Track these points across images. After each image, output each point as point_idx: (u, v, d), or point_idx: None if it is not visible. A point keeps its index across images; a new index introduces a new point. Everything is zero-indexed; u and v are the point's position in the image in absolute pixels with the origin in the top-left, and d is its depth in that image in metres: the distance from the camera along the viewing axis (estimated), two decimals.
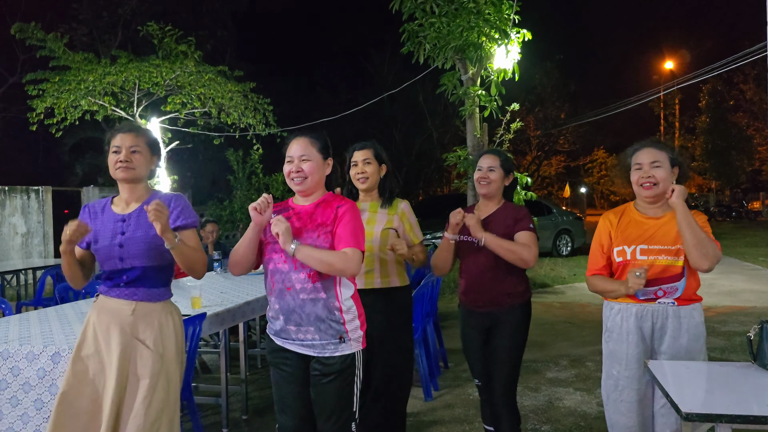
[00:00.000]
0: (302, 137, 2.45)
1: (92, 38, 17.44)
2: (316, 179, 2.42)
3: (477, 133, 9.06)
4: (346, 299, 2.38)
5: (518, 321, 2.95)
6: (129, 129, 2.58)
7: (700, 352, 2.54)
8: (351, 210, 2.40)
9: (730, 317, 7.11)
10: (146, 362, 2.44)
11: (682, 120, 36.97)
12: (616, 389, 2.63)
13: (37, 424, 2.83)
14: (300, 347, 2.38)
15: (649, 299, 2.54)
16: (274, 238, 2.36)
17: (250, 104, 11.23)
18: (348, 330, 2.36)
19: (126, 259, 2.49)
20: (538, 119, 30.56)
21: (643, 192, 2.58)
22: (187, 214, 2.57)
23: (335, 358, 2.34)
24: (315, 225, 2.38)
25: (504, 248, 2.82)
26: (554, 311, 7.82)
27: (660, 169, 2.54)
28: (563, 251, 14.32)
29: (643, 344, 2.57)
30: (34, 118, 9.71)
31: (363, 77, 26.42)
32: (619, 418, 2.63)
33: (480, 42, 8.39)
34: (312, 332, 2.34)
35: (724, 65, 19.36)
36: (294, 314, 2.35)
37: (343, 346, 2.35)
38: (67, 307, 4.04)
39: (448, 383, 4.83)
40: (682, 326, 2.51)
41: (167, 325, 2.54)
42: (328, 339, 2.33)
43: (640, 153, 2.61)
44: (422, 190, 29.82)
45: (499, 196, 3.05)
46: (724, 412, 1.76)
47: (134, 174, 2.54)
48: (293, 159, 2.41)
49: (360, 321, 2.43)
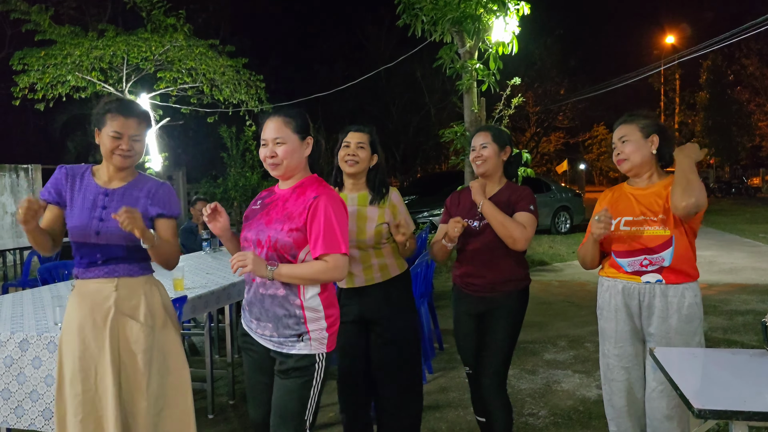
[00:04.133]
0: (276, 117, 2.20)
1: (81, 12, 17.03)
2: (292, 163, 2.21)
3: (474, 109, 8.83)
4: (310, 298, 2.17)
5: (514, 308, 2.79)
6: (132, 114, 2.38)
7: (693, 335, 2.40)
8: (326, 203, 2.14)
9: (732, 295, 6.96)
10: (137, 336, 2.35)
11: (682, 96, 36.62)
12: (608, 368, 2.58)
13: (5, 414, 2.71)
14: (260, 338, 2.24)
15: (636, 272, 2.45)
16: (248, 222, 2.27)
17: (242, 80, 10.95)
18: (309, 330, 2.16)
19: (103, 235, 2.35)
20: (537, 95, 30.20)
21: (620, 168, 2.58)
22: (170, 206, 2.48)
23: (291, 356, 2.16)
24: (283, 215, 2.18)
25: (498, 220, 2.66)
26: (552, 290, 7.67)
27: (627, 144, 2.52)
28: (562, 228, 14.18)
29: (632, 322, 2.50)
30: (18, 93, 9.44)
31: (360, 53, 26.04)
32: (610, 398, 2.59)
33: (478, 14, 8.13)
34: (270, 328, 2.18)
35: (727, 38, 19.04)
36: (254, 307, 2.22)
37: (300, 345, 2.15)
38: (45, 290, 3.88)
39: (443, 365, 4.68)
40: (671, 306, 2.39)
41: (153, 296, 2.43)
42: (286, 336, 2.16)
43: (614, 132, 2.62)
44: (420, 167, 29.54)
45: (499, 174, 2.86)
46: (741, 408, 1.59)
47: (132, 163, 2.44)
48: (267, 142, 2.20)
49: (328, 322, 2.20)
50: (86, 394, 2.33)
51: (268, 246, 2.14)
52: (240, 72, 10.93)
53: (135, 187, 2.45)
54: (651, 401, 2.44)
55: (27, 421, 2.69)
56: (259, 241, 2.18)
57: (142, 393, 2.34)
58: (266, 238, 2.15)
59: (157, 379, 2.38)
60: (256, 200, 2.38)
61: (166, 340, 2.43)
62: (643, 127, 2.51)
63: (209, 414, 3.84)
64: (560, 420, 3.65)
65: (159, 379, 2.38)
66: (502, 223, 2.65)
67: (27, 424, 2.68)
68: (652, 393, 2.44)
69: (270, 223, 2.18)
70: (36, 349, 2.70)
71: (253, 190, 11.94)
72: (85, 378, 2.33)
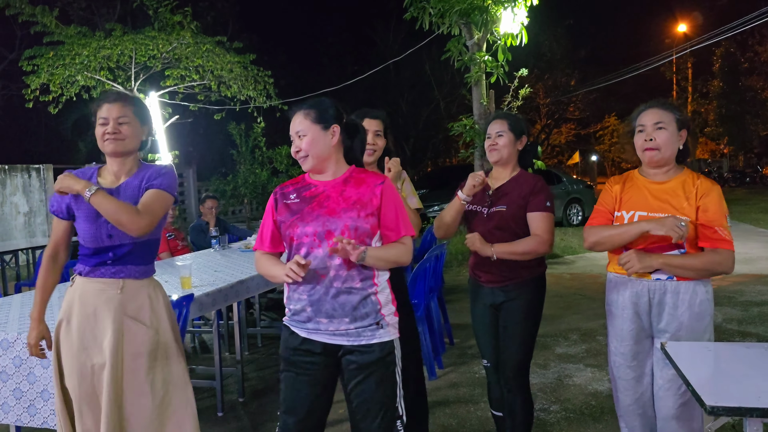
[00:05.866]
0: (297, 111, 2.19)
1: (90, 12, 17.10)
2: (319, 153, 2.16)
3: (483, 101, 8.77)
4: (383, 284, 2.16)
5: (531, 296, 2.73)
6: (115, 98, 2.38)
7: (704, 332, 2.32)
8: (391, 189, 2.18)
9: (747, 286, 6.87)
10: (142, 339, 2.33)
11: (695, 84, 36.18)
12: (615, 366, 2.52)
13: (18, 413, 2.73)
14: (331, 337, 2.12)
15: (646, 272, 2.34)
16: (299, 216, 2.15)
17: (250, 76, 10.94)
18: (385, 315, 2.13)
19: (115, 236, 2.32)
20: (547, 87, 29.97)
21: (645, 156, 2.38)
22: (162, 180, 2.38)
23: (373, 347, 2.10)
24: (351, 203, 2.13)
25: (517, 252, 2.63)
26: (564, 283, 7.62)
27: (663, 132, 2.33)
28: (574, 220, 14.08)
29: (640, 320, 2.41)
30: (29, 95, 9.49)
31: (369, 47, 25.95)
32: (618, 395, 2.53)
33: (485, 5, 8.06)
34: (347, 322, 2.10)
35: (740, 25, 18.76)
36: (325, 305, 2.10)
37: (381, 332, 2.12)
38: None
39: (453, 360, 4.65)
40: (682, 303, 2.30)
41: (157, 299, 2.42)
42: (365, 326, 2.10)
43: (644, 114, 2.41)
44: (430, 161, 29.43)
45: (513, 163, 2.80)
46: (756, 404, 1.54)
47: (123, 146, 2.37)
48: (293, 138, 2.19)
49: (394, 306, 2.20)
50: (83, 392, 2.32)
51: (347, 235, 2.08)
52: (248, 68, 10.92)
53: (136, 179, 2.40)
54: (658, 399, 2.39)
55: (40, 419, 2.71)
56: (329, 232, 2.09)
57: (145, 395, 2.32)
58: (342, 228, 2.09)
59: (161, 382, 2.36)
60: (285, 194, 2.24)
61: (169, 343, 2.41)
62: (678, 119, 2.37)
63: (219, 412, 3.83)
64: (572, 415, 3.61)
65: (162, 382, 2.36)
66: (523, 253, 2.63)
67: (40, 422, 2.70)
68: (659, 391, 2.38)
69: (335, 213, 2.12)
70: None
71: (263, 187, 11.94)
72: (82, 377, 2.32)
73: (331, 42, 26.84)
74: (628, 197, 2.43)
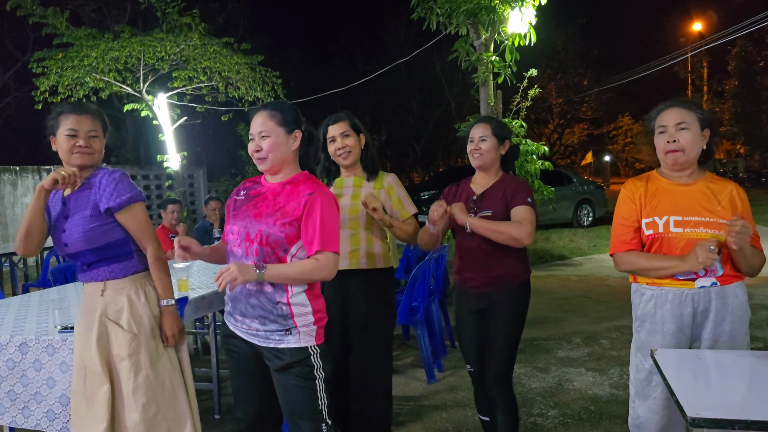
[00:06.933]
0: (261, 111, 2.18)
1: (102, 14, 17.22)
2: (278, 156, 2.16)
3: (491, 101, 8.71)
4: (297, 294, 2.14)
5: (515, 302, 2.71)
6: (84, 110, 2.40)
7: (744, 335, 2.23)
8: (322, 200, 2.11)
9: (756, 289, 6.75)
10: (122, 342, 2.35)
11: (710, 84, 35.76)
12: (650, 384, 2.30)
13: (13, 415, 2.74)
14: (246, 334, 2.19)
15: (689, 279, 2.21)
16: (234, 213, 2.22)
17: (257, 77, 10.95)
18: (297, 324, 2.13)
19: (70, 245, 2.35)
20: (559, 86, 29.77)
21: (668, 159, 2.26)
22: (120, 190, 2.34)
23: (283, 351, 2.12)
24: (275, 209, 2.14)
25: (491, 230, 2.57)
26: (570, 285, 7.54)
27: (687, 132, 2.22)
28: (584, 221, 13.94)
29: (682, 334, 2.25)
30: (39, 97, 9.57)
31: (380, 48, 25.96)
32: (650, 416, 2.31)
33: (492, 5, 8.00)
34: (257, 324, 2.14)
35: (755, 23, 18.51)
36: (239, 303, 2.17)
37: (290, 338, 2.12)
38: (53, 291, 3.90)
39: (453, 364, 4.61)
40: (727, 308, 2.20)
41: (138, 301, 2.41)
42: (272, 331, 2.13)
43: (664, 114, 2.29)
44: (442, 162, 29.36)
45: (496, 167, 2.78)
46: (738, 416, 1.49)
47: (92, 159, 2.40)
48: (254, 136, 2.18)
49: (315, 317, 2.17)
50: (83, 394, 2.36)
51: (259, 240, 2.10)
52: (255, 69, 10.93)
53: (86, 187, 2.39)
54: None
55: (33, 421, 2.72)
56: (248, 234, 2.13)
57: (128, 399, 2.33)
58: (257, 232, 2.11)
59: (145, 386, 2.35)
60: (238, 190, 2.32)
61: (152, 347, 2.39)
62: (700, 118, 2.25)
63: (216, 414, 3.83)
64: (570, 420, 3.56)
65: (146, 386, 2.35)
66: (496, 231, 2.57)
67: (33, 424, 2.72)
68: None
69: (259, 216, 2.14)
70: (35, 352, 2.71)
71: None
72: (78, 380, 2.36)
73: (343, 43, 26.91)
74: (657, 202, 2.29)
